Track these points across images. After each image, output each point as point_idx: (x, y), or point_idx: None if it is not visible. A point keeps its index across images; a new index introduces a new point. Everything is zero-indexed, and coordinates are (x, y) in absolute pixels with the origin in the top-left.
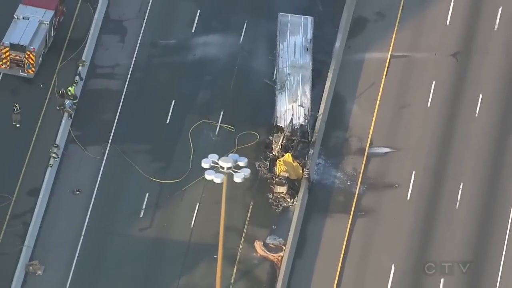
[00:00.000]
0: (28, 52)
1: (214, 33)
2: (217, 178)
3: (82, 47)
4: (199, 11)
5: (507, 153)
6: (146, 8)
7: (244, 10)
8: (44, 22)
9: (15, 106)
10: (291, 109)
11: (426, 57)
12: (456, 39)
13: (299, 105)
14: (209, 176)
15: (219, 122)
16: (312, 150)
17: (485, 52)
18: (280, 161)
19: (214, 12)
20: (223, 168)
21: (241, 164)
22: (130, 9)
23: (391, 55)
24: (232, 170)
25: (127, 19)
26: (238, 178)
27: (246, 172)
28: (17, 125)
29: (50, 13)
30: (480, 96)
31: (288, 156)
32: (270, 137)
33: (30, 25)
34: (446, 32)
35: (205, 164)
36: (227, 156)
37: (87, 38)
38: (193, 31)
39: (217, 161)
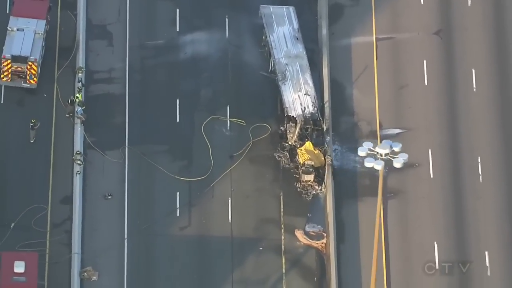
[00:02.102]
0: (30, 63)
1: (198, 31)
2: (378, 165)
3: (74, 54)
4: (178, 9)
5: None
6: (125, 11)
7: (222, 5)
8: (39, 32)
9: (32, 122)
10: (298, 98)
11: (411, 37)
12: (434, 18)
13: (304, 94)
14: (369, 163)
15: (228, 117)
16: (328, 137)
17: (465, 28)
18: (301, 150)
19: (193, 10)
20: (381, 154)
21: (396, 149)
22: (109, 13)
23: (376, 38)
24: (389, 156)
25: (109, 23)
26: (397, 163)
27: (405, 156)
28: (31, 141)
29: (42, 22)
30: (473, 71)
31: (309, 145)
32: (282, 128)
33: (26, 36)
34: (423, 11)
35: (361, 152)
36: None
37: (76, 45)
38: (177, 30)
39: (373, 149)
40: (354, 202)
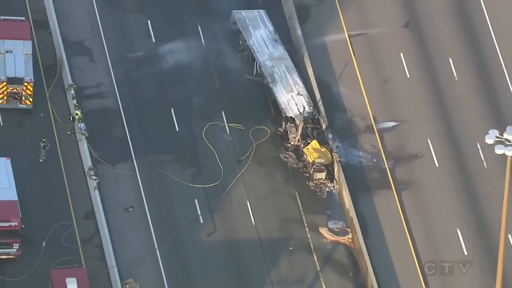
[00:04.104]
0: (26, 84)
1: (174, 40)
2: (509, 152)
3: (59, 72)
4: (149, 21)
5: (503, 108)
6: (97, 26)
7: (191, 13)
8: (27, 52)
9: (43, 142)
10: (292, 98)
11: (382, 32)
12: (400, 11)
13: (297, 94)
14: (499, 150)
15: (225, 122)
16: (330, 134)
17: (433, 19)
18: (308, 149)
19: (164, 20)
20: (509, 141)
21: None
22: (83, 29)
23: (348, 34)
24: None
25: (85, 39)
26: None
27: None
28: (40, 160)
29: (29, 43)
30: (450, 60)
31: (315, 143)
32: (280, 129)
33: (17, 58)
34: (387, 5)
35: (489, 140)
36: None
37: (59, 63)
38: (153, 41)
39: (499, 136)
40: (369, 196)
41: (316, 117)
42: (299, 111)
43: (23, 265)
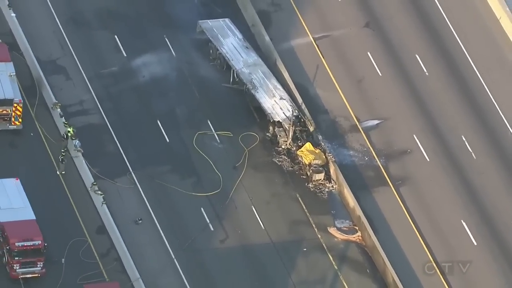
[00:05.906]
0: (15, 105)
1: (145, 53)
2: None
3: (40, 92)
4: (116, 36)
5: (477, 97)
6: (66, 44)
7: (155, 26)
8: (11, 74)
9: (62, 156)
10: (276, 103)
11: (345, 33)
12: (358, 12)
13: (280, 99)
14: None
15: (213, 131)
16: (320, 136)
17: (391, 18)
18: (302, 151)
19: (131, 34)
20: None
21: None
22: (52, 49)
23: (313, 37)
24: None
25: (57, 58)
26: None
27: None
28: (63, 172)
29: (10, 64)
30: (417, 56)
31: (309, 145)
32: (268, 134)
33: (3, 79)
34: (344, 7)
35: None
36: None
37: (38, 83)
38: (125, 55)
39: None
40: (368, 194)
41: (302, 120)
42: (285, 115)
43: (47, 282)
